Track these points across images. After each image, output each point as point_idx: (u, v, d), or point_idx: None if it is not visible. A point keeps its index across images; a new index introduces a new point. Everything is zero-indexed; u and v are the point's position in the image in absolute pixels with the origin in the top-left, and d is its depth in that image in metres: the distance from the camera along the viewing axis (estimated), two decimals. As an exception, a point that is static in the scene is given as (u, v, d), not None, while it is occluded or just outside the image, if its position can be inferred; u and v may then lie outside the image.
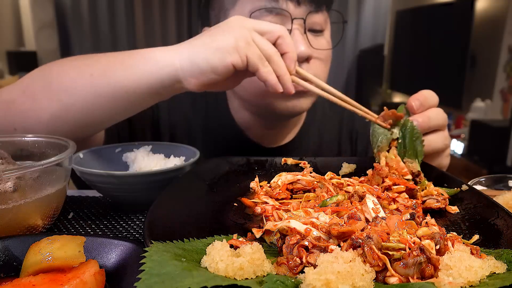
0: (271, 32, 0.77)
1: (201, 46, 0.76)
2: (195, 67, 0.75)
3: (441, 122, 0.81)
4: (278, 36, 0.77)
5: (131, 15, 4.85)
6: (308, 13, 0.94)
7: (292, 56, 0.78)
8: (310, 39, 0.97)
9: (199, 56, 0.75)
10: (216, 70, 0.74)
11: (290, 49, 0.78)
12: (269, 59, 0.76)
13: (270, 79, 0.76)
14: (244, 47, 0.74)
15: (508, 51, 3.72)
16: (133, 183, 0.73)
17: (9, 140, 0.75)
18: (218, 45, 0.74)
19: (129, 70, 0.76)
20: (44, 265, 0.46)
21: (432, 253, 0.44)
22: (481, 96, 4.04)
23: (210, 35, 0.76)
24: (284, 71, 0.76)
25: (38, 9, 5.22)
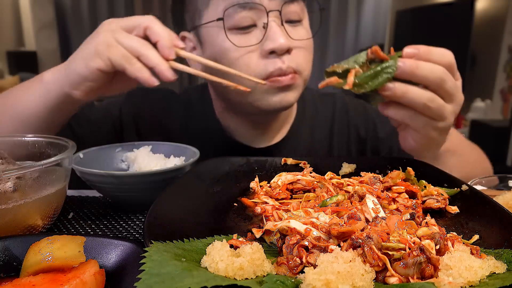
0: (138, 25, 0.78)
1: (72, 59, 0.82)
2: (71, 79, 0.81)
3: (434, 79, 0.67)
4: (145, 27, 0.78)
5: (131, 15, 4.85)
6: (283, 4, 0.93)
7: (163, 44, 0.78)
8: (288, 30, 0.95)
9: (70, 68, 0.81)
10: (86, 77, 0.79)
11: (159, 37, 0.78)
12: (137, 55, 0.77)
13: (139, 76, 0.77)
14: (104, 50, 0.77)
15: (508, 51, 3.72)
16: (133, 183, 0.73)
17: (9, 140, 0.75)
18: (81, 54, 0.80)
19: (29, 97, 0.86)
20: (44, 265, 0.46)
21: (432, 253, 0.44)
22: (481, 96, 4.04)
23: (80, 47, 0.82)
24: (156, 61, 0.77)
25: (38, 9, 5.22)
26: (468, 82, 3.95)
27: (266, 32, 0.92)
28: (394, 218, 0.52)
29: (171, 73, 0.78)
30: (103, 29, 0.80)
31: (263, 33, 0.92)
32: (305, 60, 0.99)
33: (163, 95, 1.20)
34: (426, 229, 0.50)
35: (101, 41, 0.78)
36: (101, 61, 0.77)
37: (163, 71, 0.77)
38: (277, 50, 0.91)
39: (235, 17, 0.92)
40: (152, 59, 0.77)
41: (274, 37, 0.91)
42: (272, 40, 0.91)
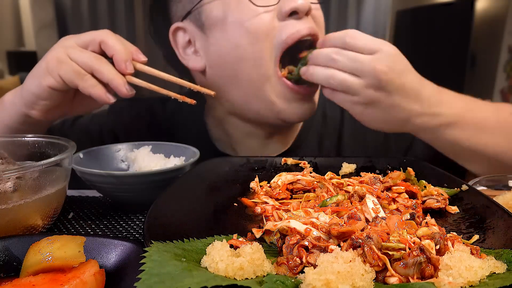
0: (92, 40, 0.76)
1: (26, 78, 0.80)
2: (25, 99, 0.79)
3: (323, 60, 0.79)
4: (99, 42, 0.76)
5: (131, 15, 4.85)
6: None
7: (119, 58, 0.75)
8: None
9: (24, 89, 0.79)
10: (39, 96, 0.78)
11: (114, 51, 0.75)
12: (90, 70, 0.74)
13: (93, 92, 0.75)
14: (55, 67, 0.74)
15: (508, 51, 3.72)
16: (133, 183, 0.73)
17: (9, 140, 0.75)
18: (32, 72, 0.78)
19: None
20: (44, 265, 0.46)
21: (432, 253, 0.44)
22: (481, 96, 4.03)
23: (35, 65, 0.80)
24: (110, 76, 0.74)
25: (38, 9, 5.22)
26: (468, 82, 3.95)
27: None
28: (394, 218, 0.52)
29: (127, 87, 0.76)
30: (57, 45, 0.78)
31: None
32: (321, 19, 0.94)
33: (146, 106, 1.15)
34: (426, 229, 0.50)
35: (53, 58, 0.76)
36: (51, 78, 0.75)
37: (118, 86, 0.75)
38: (299, 10, 0.86)
39: None
40: (106, 73, 0.74)
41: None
42: (292, 1, 0.85)
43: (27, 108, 0.80)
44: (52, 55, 0.76)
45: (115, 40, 0.76)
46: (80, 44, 0.77)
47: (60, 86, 0.75)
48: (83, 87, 0.74)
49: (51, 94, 0.77)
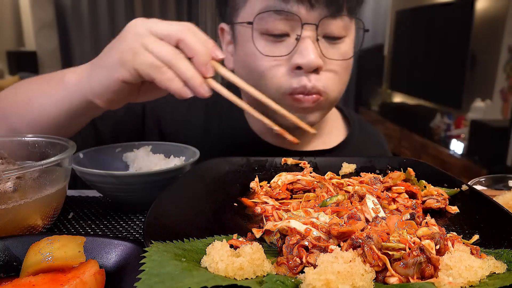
0: (169, 35, 0.68)
1: (95, 65, 0.74)
2: (93, 88, 0.73)
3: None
4: (176, 40, 0.68)
5: (131, 15, 4.85)
6: (322, 18, 0.85)
7: (199, 60, 0.68)
8: (323, 47, 0.88)
9: (93, 76, 0.73)
10: (109, 88, 0.71)
11: (194, 53, 0.68)
12: (168, 64, 0.67)
13: (170, 86, 0.68)
14: (130, 60, 0.68)
15: (508, 51, 3.72)
16: (133, 183, 0.73)
17: (9, 140, 0.75)
18: (104, 62, 0.72)
19: (48, 99, 0.79)
20: (44, 265, 0.46)
21: (432, 253, 0.44)
22: (481, 96, 4.04)
23: (104, 50, 0.73)
24: (190, 75, 0.68)
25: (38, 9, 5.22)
26: (468, 82, 3.95)
27: (297, 45, 0.86)
28: (394, 218, 0.52)
29: (206, 89, 0.69)
30: (129, 32, 0.70)
31: (294, 45, 0.86)
32: (334, 81, 0.92)
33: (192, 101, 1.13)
34: (426, 229, 0.50)
35: (126, 48, 0.68)
36: (125, 71, 0.68)
37: (195, 87, 0.68)
38: (304, 67, 0.85)
39: (269, 23, 0.86)
40: (184, 71, 0.67)
41: (304, 52, 0.85)
42: (301, 55, 0.85)
43: (93, 96, 0.74)
44: (126, 45, 0.68)
45: (196, 40, 0.68)
46: (155, 34, 0.69)
47: (134, 79, 0.69)
48: (160, 80, 0.68)
49: (122, 87, 0.71)
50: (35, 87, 0.84)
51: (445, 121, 4.40)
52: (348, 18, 0.90)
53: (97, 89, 0.73)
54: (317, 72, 0.88)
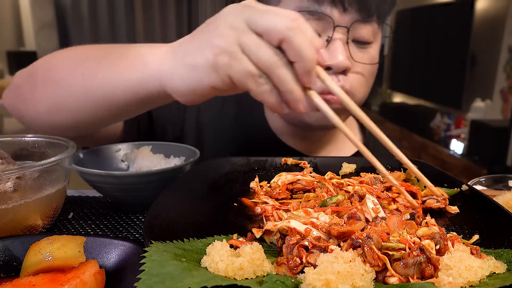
0: (270, 32, 0.55)
1: (180, 59, 0.63)
2: (173, 84, 0.63)
3: None
4: (280, 39, 0.54)
5: (131, 15, 4.85)
6: (354, 22, 0.86)
7: (301, 67, 0.55)
8: (352, 51, 0.89)
9: (176, 73, 0.63)
10: (195, 92, 0.61)
11: (299, 58, 0.55)
12: (267, 72, 0.56)
13: (266, 100, 0.58)
14: (225, 65, 0.56)
15: (508, 51, 3.72)
16: (133, 183, 0.73)
17: (9, 140, 0.75)
18: (195, 61, 0.59)
19: (117, 75, 0.69)
20: (44, 265, 0.46)
21: (432, 253, 0.44)
22: (481, 96, 4.04)
23: (194, 41, 0.63)
24: (289, 87, 0.56)
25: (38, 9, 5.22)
26: (468, 82, 3.96)
27: (327, 46, 0.86)
28: (394, 218, 0.52)
29: (305, 104, 0.57)
30: (224, 22, 0.58)
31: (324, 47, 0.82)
32: (361, 83, 0.93)
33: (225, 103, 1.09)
34: (426, 229, 0.50)
35: (221, 50, 0.56)
36: (218, 78, 0.57)
37: (295, 101, 0.57)
38: (334, 67, 0.85)
39: None
40: (285, 83, 0.56)
41: (334, 53, 0.85)
42: (332, 56, 0.85)
43: (173, 93, 0.64)
44: (221, 43, 0.57)
45: (303, 42, 0.54)
46: (255, 29, 0.56)
47: (226, 86, 0.58)
48: (256, 92, 0.57)
49: (210, 92, 0.60)
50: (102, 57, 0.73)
51: (445, 121, 4.40)
52: (377, 24, 0.91)
53: (180, 89, 0.63)
54: (345, 73, 0.89)
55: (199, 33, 0.62)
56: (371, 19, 0.89)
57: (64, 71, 0.75)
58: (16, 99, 0.80)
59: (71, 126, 0.77)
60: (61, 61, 0.79)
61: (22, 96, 0.79)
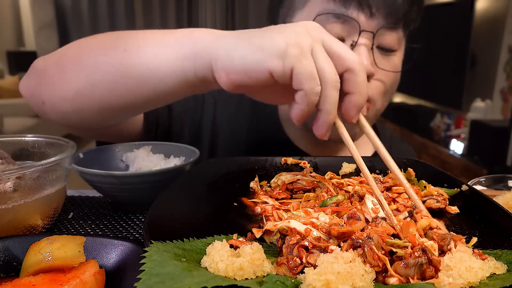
0: (341, 57, 0.58)
1: (246, 39, 0.60)
2: (229, 61, 0.60)
3: None
4: (347, 67, 0.58)
5: (131, 15, 4.85)
6: (380, 27, 0.85)
7: (355, 100, 0.58)
8: (376, 57, 0.88)
9: (237, 50, 0.60)
10: (250, 72, 0.59)
11: (357, 89, 0.58)
12: (323, 85, 0.57)
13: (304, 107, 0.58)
14: (293, 56, 0.56)
15: (508, 51, 3.73)
16: (133, 183, 0.73)
17: (9, 140, 0.75)
18: (263, 43, 0.58)
19: (163, 49, 0.66)
20: (44, 265, 0.46)
21: (434, 254, 0.44)
22: (481, 96, 4.04)
23: (265, 31, 0.61)
24: (329, 108, 0.57)
25: (38, 9, 5.22)
26: (468, 82, 3.96)
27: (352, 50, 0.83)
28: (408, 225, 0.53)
29: (328, 132, 0.59)
30: (303, 28, 0.59)
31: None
32: (381, 91, 0.91)
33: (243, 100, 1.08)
34: (425, 221, 0.50)
35: (296, 43, 0.57)
36: (280, 64, 0.57)
37: (323, 124, 0.58)
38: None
39: (326, 26, 0.84)
40: (330, 103, 0.57)
41: None
42: None
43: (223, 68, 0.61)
44: (295, 38, 0.57)
45: (365, 79, 0.59)
46: (327, 46, 0.58)
47: (282, 76, 0.57)
48: (303, 95, 0.57)
49: (263, 77, 0.58)
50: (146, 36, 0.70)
51: (445, 121, 4.40)
52: (402, 32, 0.90)
53: (234, 65, 0.60)
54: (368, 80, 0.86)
55: (269, 28, 0.62)
56: (398, 26, 0.87)
57: (101, 50, 0.72)
58: (40, 83, 0.76)
59: (96, 113, 0.74)
60: (96, 41, 0.76)
61: (48, 80, 0.74)
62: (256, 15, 4.87)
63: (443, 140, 4.35)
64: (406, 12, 0.87)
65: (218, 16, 4.85)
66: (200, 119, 1.07)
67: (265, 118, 1.08)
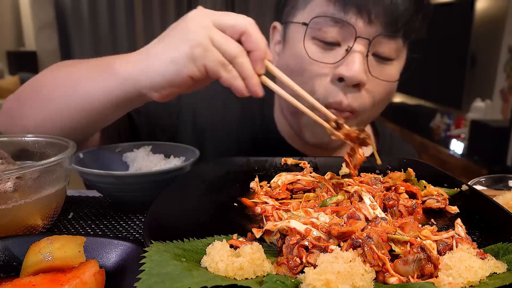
0: (233, 27, 0.67)
1: (155, 57, 0.70)
2: (152, 82, 0.70)
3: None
4: (241, 32, 0.67)
5: (131, 15, 4.86)
6: (377, 35, 0.84)
7: (258, 55, 0.68)
8: (371, 65, 0.86)
9: (153, 70, 0.69)
10: (173, 83, 0.69)
11: (255, 47, 0.68)
12: (232, 61, 0.68)
13: (234, 84, 0.68)
14: (201, 56, 0.66)
15: (508, 51, 3.72)
16: (133, 183, 0.73)
17: (9, 140, 0.75)
18: (171, 56, 0.68)
19: (95, 85, 0.75)
20: (44, 265, 0.46)
21: (432, 252, 0.45)
22: (481, 96, 4.04)
23: (164, 41, 0.70)
24: (250, 73, 0.68)
25: (38, 9, 5.23)
26: (468, 82, 3.95)
27: (346, 56, 0.84)
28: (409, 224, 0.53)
29: (261, 88, 0.70)
30: (193, 23, 0.67)
31: (343, 56, 0.84)
32: (368, 104, 0.89)
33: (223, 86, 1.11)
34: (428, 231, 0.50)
35: (196, 43, 0.66)
36: (195, 68, 0.67)
37: (254, 85, 0.69)
38: (347, 80, 0.83)
39: (323, 28, 0.85)
40: (246, 69, 0.68)
41: (351, 64, 0.83)
42: (348, 67, 0.83)
43: (151, 89, 0.71)
44: (195, 38, 0.66)
45: (259, 35, 0.68)
46: (219, 26, 0.67)
47: (201, 75, 0.68)
48: (226, 78, 0.68)
49: (187, 82, 0.69)
50: (79, 72, 0.80)
51: (445, 121, 4.40)
52: (402, 42, 0.88)
53: (158, 83, 0.70)
54: (358, 88, 0.86)
55: (168, 35, 0.70)
56: (397, 35, 0.86)
57: (49, 88, 0.81)
58: (7, 120, 0.84)
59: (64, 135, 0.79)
60: (45, 80, 0.84)
61: (12, 116, 0.83)
62: (256, 15, 4.88)
63: (443, 140, 4.34)
64: (408, 22, 0.86)
65: (218, 16, 4.87)
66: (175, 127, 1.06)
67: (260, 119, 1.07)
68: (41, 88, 0.82)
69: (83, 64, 0.82)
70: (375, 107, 0.93)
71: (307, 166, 0.82)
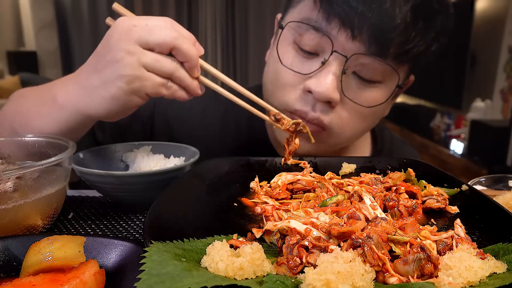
0: (160, 45, 0.68)
1: (94, 93, 0.70)
2: (99, 114, 0.73)
3: None
4: (170, 48, 0.69)
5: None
6: (354, 53, 0.77)
7: (191, 65, 0.71)
8: (348, 84, 0.80)
9: (96, 105, 0.71)
10: (119, 114, 0.73)
11: (187, 58, 0.70)
12: (169, 77, 0.70)
13: (177, 96, 0.73)
14: (139, 87, 0.68)
15: (508, 51, 3.72)
16: (133, 183, 0.73)
17: (9, 140, 0.75)
18: (111, 94, 0.69)
19: (45, 119, 0.76)
20: (44, 265, 0.46)
21: (432, 252, 0.44)
22: (481, 96, 4.04)
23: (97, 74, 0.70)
24: (188, 82, 0.72)
25: (38, 9, 5.22)
26: (468, 82, 3.95)
27: (319, 69, 0.80)
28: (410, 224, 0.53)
29: (201, 87, 0.75)
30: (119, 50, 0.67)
31: (317, 68, 0.80)
32: (347, 123, 0.84)
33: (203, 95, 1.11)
34: (427, 232, 0.50)
35: (131, 78, 0.67)
36: (138, 99, 0.70)
37: (194, 90, 0.74)
38: (315, 94, 0.80)
39: (303, 35, 0.81)
40: (185, 79, 0.72)
41: (321, 79, 0.79)
42: (317, 82, 0.79)
43: (99, 119, 0.75)
44: (128, 71, 0.67)
45: (188, 46, 0.70)
46: (146, 46, 0.68)
47: (146, 100, 0.72)
48: (168, 94, 0.72)
49: (133, 109, 0.74)
50: (30, 108, 0.81)
51: (445, 121, 4.40)
52: (393, 65, 0.80)
53: (105, 115, 0.73)
54: (331, 105, 0.82)
55: (98, 66, 0.70)
56: (383, 56, 0.78)
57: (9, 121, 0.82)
58: None
59: None
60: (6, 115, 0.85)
61: None
62: (256, 15, 4.87)
63: (443, 140, 4.35)
64: (402, 45, 0.78)
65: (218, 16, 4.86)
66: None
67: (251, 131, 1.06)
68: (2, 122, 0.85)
69: (31, 96, 0.83)
70: (352, 128, 0.87)
71: (307, 166, 0.82)
